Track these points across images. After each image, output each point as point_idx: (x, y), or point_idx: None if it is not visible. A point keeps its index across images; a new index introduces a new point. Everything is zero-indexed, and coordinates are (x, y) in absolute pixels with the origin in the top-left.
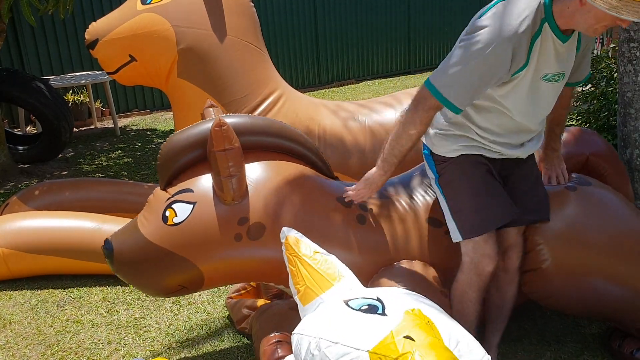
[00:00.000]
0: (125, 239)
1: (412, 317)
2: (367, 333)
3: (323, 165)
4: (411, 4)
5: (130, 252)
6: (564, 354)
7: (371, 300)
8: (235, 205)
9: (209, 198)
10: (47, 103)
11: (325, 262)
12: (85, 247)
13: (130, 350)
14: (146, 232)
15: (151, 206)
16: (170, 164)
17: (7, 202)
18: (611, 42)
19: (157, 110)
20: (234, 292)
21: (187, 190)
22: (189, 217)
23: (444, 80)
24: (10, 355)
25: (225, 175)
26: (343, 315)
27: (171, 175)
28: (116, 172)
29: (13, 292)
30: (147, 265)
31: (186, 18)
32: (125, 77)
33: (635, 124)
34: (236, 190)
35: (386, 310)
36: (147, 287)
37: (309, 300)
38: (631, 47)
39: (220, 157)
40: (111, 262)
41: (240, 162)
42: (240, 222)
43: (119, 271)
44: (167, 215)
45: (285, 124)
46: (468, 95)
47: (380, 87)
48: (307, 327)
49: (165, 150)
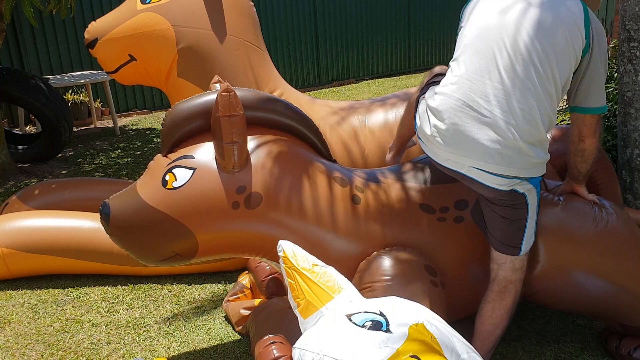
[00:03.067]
0: (123, 202)
1: (417, 335)
2: (372, 352)
3: (322, 146)
4: (411, 4)
5: (127, 214)
6: (564, 354)
7: (374, 315)
8: (235, 173)
9: (210, 165)
10: (46, 102)
11: (325, 275)
12: (85, 247)
13: (129, 350)
14: (144, 195)
15: (151, 170)
16: (174, 131)
17: (7, 202)
18: (611, 41)
19: (157, 109)
20: (231, 295)
21: (188, 156)
22: (188, 182)
23: (604, 94)
24: (10, 354)
25: (227, 141)
26: (347, 332)
27: (174, 142)
28: (116, 172)
29: (13, 291)
30: (143, 228)
31: (186, 17)
32: (125, 77)
33: (635, 124)
34: (237, 157)
35: (390, 327)
36: (141, 252)
37: (309, 313)
38: (631, 47)
39: (224, 123)
40: (107, 224)
41: (243, 130)
42: (239, 191)
43: (114, 234)
44: (166, 179)
45: (289, 102)
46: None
47: (380, 87)
48: (310, 342)
49: (169, 118)
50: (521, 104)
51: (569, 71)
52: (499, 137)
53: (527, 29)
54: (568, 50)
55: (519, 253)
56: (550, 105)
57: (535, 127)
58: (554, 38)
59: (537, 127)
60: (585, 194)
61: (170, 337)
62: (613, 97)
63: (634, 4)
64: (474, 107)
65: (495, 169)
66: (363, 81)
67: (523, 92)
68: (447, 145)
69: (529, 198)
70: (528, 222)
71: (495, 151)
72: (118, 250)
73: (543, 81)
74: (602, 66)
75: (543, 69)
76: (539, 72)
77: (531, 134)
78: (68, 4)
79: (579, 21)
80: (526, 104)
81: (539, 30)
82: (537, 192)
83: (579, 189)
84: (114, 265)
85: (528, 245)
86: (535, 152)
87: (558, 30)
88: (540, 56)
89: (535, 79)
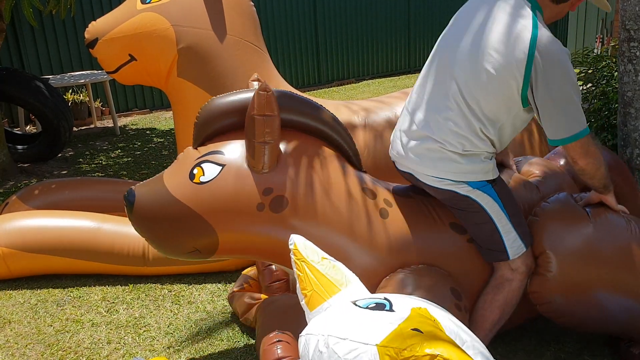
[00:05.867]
0: (148, 190)
1: (419, 314)
2: (375, 328)
3: (354, 155)
4: (411, 4)
5: (151, 204)
6: (564, 353)
7: (379, 299)
8: (263, 174)
9: (239, 163)
10: (46, 102)
11: (333, 268)
12: (85, 247)
13: (129, 350)
14: (170, 187)
15: (180, 162)
16: (207, 125)
17: (7, 202)
18: (611, 41)
19: (157, 109)
20: (236, 286)
21: (218, 152)
22: (216, 178)
23: (580, 119)
24: (10, 354)
25: (259, 141)
26: (351, 313)
27: (206, 136)
28: (116, 172)
29: (13, 291)
30: (166, 220)
31: (186, 17)
32: (125, 77)
33: (635, 124)
34: (267, 158)
35: (393, 307)
36: (161, 243)
37: (316, 305)
38: (631, 47)
39: (258, 122)
40: (130, 212)
41: (276, 131)
42: (266, 192)
43: (136, 223)
44: (194, 173)
45: (323, 107)
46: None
47: (380, 87)
48: (315, 327)
49: (204, 111)
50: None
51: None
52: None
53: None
54: (494, 85)
55: (509, 257)
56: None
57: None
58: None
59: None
60: (614, 203)
61: (170, 337)
62: (613, 97)
63: (634, 3)
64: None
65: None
66: (363, 81)
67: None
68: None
69: (480, 200)
70: (497, 224)
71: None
72: (118, 250)
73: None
74: (560, 96)
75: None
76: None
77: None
78: (67, 4)
79: (518, 63)
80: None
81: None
82: (490, 197)
83: (607, 198)
84: (114, 265)
85: (515, 248)
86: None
87: (482, 73)
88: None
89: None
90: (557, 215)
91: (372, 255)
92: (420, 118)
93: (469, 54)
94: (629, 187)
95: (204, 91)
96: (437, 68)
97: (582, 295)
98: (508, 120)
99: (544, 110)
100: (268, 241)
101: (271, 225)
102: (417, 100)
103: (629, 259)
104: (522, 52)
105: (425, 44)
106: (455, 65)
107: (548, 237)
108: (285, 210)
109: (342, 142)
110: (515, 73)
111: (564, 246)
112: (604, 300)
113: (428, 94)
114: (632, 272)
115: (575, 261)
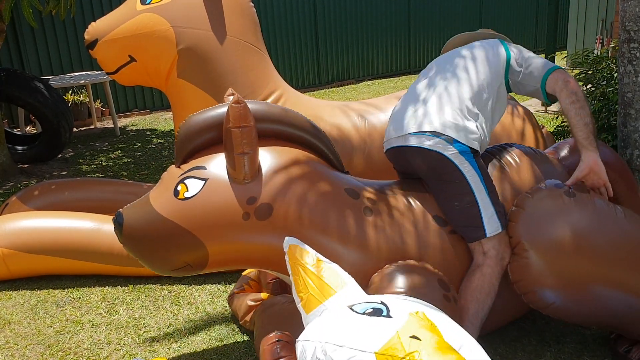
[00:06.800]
0: (136, 211)
1: (417, 319)
2: (372, 335)
3: (334, 158)
4: (411, 4)
5: (139, 224)
6: (564, 354)
7: (375, 304)
8: (246, 184)
9: (221, 176)
10: (46, 103)
11: (328, 270)
12: (85, 247)
13: (129, 351)
14: (157, 206)
15: (164, 181)
16: (187, 142)
17: (7, 202)
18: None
19: (157, 110)
20: (236, 288)
21: (200, 167)
22: (199, 192)
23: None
24: (10, 355)
25: (238, 152)
26: (348, 319)
27: (187, 154)
28: (116, 172)
29: (13, 292)
30: (155, 239)
31: (186, 18)
32: (125, 78)
33: (635, 125)
34: (248, 168)
35: (390, 313)
36: (153, 261)
37: (312, 308)
38: (631, 48)
39: (235, 134)
40: (120, 233)
41: (254, 141)
42: (250, 202)
43: (126, 244)
44: (178, 189)
45: (299, 114)
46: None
47: (380, 87)
48: (312, 333)
49: (183, 129)
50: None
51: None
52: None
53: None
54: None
55: (485, 234)
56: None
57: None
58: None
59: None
60: (601, 168)
61: (170, 337)
62: (613, 98)
63: (634, 4)
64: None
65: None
66: (363, 82)
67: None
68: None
69: (462, 168)
70: (477, 196)
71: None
72: (118, 251)
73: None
74: (528, 54)
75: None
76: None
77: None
78: (67, 4)
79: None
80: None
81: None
82: (472, 166)
83: (595, 162)
84: (114, 265)
85: (492, 225)
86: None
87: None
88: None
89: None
90: (539, 204)
91: (358, 254)
92: (418, 109)
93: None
94: (629, 187)
95: (203, 92)
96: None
97: (567, 285)
98: (492, 93)
99: (525, 65)
100: (258, 249)
101: (259, 233)
102: (410, 97)
103: (616, 248)
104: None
105: (425, 44)
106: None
107: (525, 225)
108: (271, 216)
109: (321, 145)
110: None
111: (544, 235)
112: (594, 290)
113: (423, 91)
114: (620, 264)
115: (555, 249)
